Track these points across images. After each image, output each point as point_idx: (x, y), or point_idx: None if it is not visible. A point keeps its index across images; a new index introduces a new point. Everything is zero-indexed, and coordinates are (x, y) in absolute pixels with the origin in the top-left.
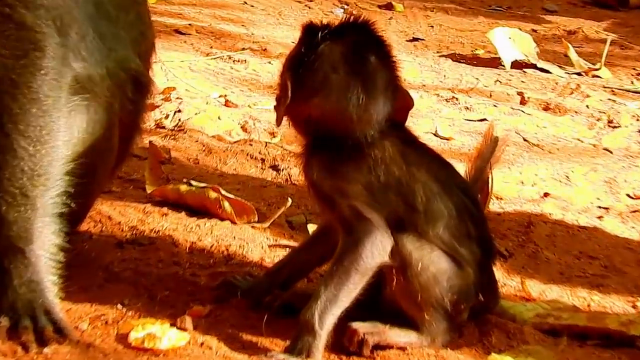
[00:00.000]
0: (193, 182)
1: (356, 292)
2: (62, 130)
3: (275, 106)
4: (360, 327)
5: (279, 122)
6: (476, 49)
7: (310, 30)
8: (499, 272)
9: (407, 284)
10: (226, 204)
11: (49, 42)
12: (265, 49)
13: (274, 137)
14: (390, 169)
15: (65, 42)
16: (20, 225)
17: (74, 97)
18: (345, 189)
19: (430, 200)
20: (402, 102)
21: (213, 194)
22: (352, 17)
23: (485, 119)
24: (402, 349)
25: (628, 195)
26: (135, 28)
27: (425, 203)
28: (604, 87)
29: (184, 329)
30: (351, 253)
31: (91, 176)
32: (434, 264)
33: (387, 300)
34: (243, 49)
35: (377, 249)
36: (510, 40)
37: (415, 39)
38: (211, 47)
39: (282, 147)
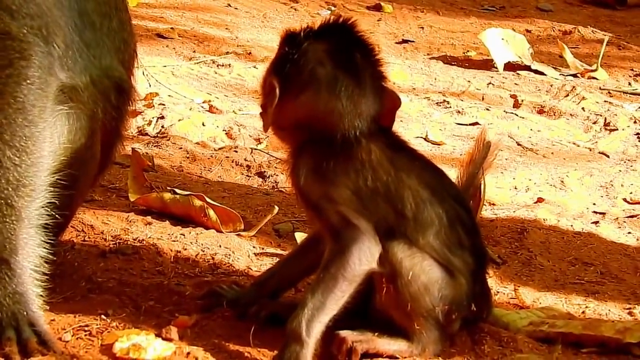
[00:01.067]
0: (177, 190)
1: (344, 300)
2: (47, 140)
3: (261, 112)
4: (349, 335)
5: (266, 128)
6: (468, 51)
7: (290, 36)
8: (492, 280)
9: (397, 293)
10: (211, 212)
11: (35, 51)
12: (250, 53)
13: (260, 143)
14: (378, 173)
15: (51, 51)
16: (5, 235)
17: (58, 107)
18: (333, 194)
19: (420, 208)
20: (389, 102)
21: (198, 202)
22: (333, 18)
23: (477, 123)
24: (392, 357)
25: (625, 200)
26: (118, 35)
27: (414, 210)
28: (601, 89)
29: (169, 340)
30: (338, 260)
31: (73, 185)
32: (425, 273)
33: (377, 308)
34: (227, 52)
35: (364, 256)
36: (504, 41)
37: (405, 41)
38: (194, 52)
39: (268, 153)
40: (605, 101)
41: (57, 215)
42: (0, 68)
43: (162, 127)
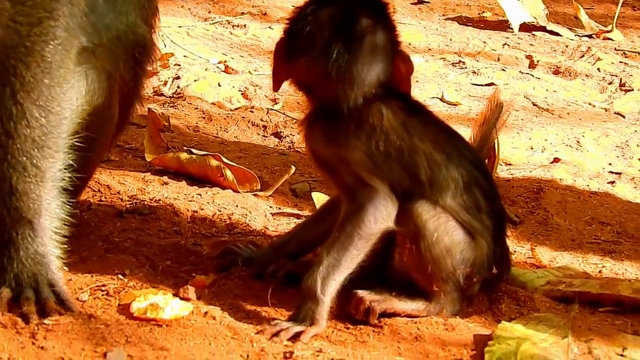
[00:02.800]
0: (193, 150)
1: (359, 258)
2: (70, 101)
3: (272, 75)
4: (366, 295)
5: (275, 87)
6: (483, 12)
7: None
8: (508, 239)
9: (419, 254)
10: (228, 172)
11: (63, 11)
12: (266, 13)
13: (276, 103)
14: (390, 137)
15: (74, 12)
16: (30, 196)
17: (79, 68)
18: (346, 157)
19: (434, 172)
20: (401, 67)
21: (214, 162)
22: None
23: (493, 84)
24: (410, 317)
25: None
26: None
27: (429, 174)
28: (616, 50)
29: (187, 299)
30: (353, 218)
31: (91, 146)
32: (449, 234)
33: (395, 268)
34: (242, 13)
35: (380, 214)
36: (519, 1)
37: (420, 2)
38: (209, 12)
39: (284, 114)
40: (620, 62)
41: (75, 177)
42: (30, 26)
43: (178, 87)
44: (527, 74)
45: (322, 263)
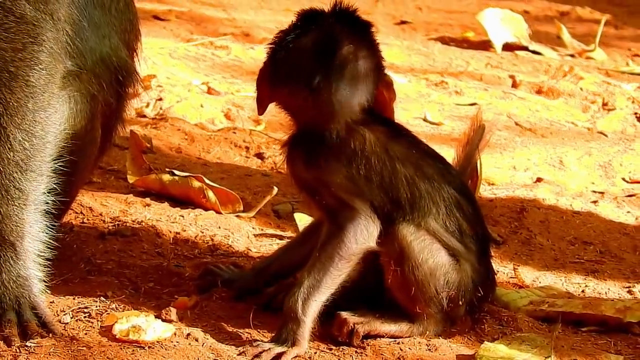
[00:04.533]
0: (176, 172)
1: (340, 279)
2: (54, 125)
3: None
4: (350, 317)
5: (260, 112)
6: (466, 32)
7: (304, 17)
8: (491, 259)
9: (403, 277)
10: (210, 194)
11: (47, 37)
12: (248, 34)
13: (259, 124)
14: (372, 161)
15: (60, 37)
16: (13, 219)
17: (63, 92)
18: (327, 180)
19: (415, 196)
20: (384, 93)
21: (197, 184)
22: (337, 3)
23: (475, 103)
24: (393, 337)
25: (624, 179)
26: (125, 16)
27: (409, 198)
28: (598, 69)
29: (169, 321)
30: (334, 239)
31: (74, 169)
32: (433, 257)
33: (386, 287)
34: (224, 34)
35: (361, 234)
36: (501, 21)
37: (403, 22)
38: (192, 33)
39: (266, 134)
40: (603, 81)
41: (57, 200)
42: (14, 51)
43: (161, 108)
44: (510, 93)
45: (303, 284)
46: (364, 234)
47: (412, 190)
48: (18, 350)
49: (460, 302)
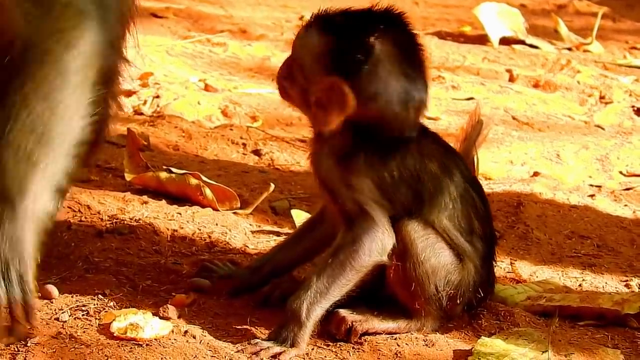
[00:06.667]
0: (173, 169)
1: (348, 288)
2: (80, 109)
3: (315, 112)
4: (349, 315)
5: (328, 131)
6: (463, 26)
7: (348, 27)
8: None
9: (404, 273)
10: (207, 191)
11: (91, 25)
12: (245, 31)
13: (255, 121)
14: (408, 162)
15: (102, 29)
16: (17, 177)
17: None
18: (353, 183)
19: (437, 191)
20: None
21: (194, 181)
22: (380, 7)
23: (472, 98)
24: (391, 334)
25: (621, 173)
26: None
27: (432, 193)
28: (596, 62)
29: (167, 318)
30: (349, 248)
31: None
32: (435, 255)
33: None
34: (222, 31)
35: (375, 247)
36: (498, 15)
37: None
38: (189, 30)
39: (264, 131)
40: (600, 74)
41: None
42: (58, 31)
43: (158, 106)
44: (507, 87)
45: (311, 288)
46: (378, 247)
47: (435, 186)
48: (16, 349)
49: (459, 302)
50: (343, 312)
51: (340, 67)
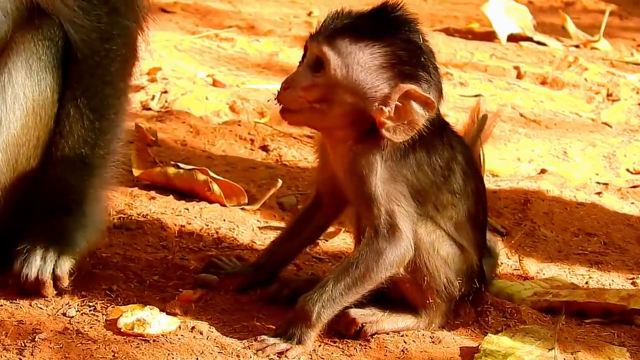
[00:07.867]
0: (181, 165)
1: (360, 295)
2: (124, 111)
3: (387, 126)
4: (359, 316)
5: (408, 136)
6: (471, 23)
7: (406, 30)
8: (496, 251)
9: (415, 268)
10: (215, 186)
11: (134, 32)
12: (253, 26)
13: (263, 117)
14: (444, 154)
15: (140, 33)
16: (75, 186)
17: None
18: (391, 191)
19: (464, 184)
20: None
21: (201, 176)
22: (390, 5)
23: (480, 95)
24: (399, 332)
25: (628, 170)
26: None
27: (462, 186)
28: (603, 60)
29: (174, 314)
30: (372, 260)
31: None
32: (443, 248)
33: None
34: (230, 26)
35: (397, 260)
36: (506, 12)
37: None
38: (197, 26)
39: (271, 127)
40: (607, 72)
41: None
42: (102, 41)
43: (166, 101)
44: (514, 84)
45: (326, 292)
46: (399, 261)
47: (463, 177)
48: (23, 344)
49: (463, 290)
50: (353, 313)
51: (407, 73)
